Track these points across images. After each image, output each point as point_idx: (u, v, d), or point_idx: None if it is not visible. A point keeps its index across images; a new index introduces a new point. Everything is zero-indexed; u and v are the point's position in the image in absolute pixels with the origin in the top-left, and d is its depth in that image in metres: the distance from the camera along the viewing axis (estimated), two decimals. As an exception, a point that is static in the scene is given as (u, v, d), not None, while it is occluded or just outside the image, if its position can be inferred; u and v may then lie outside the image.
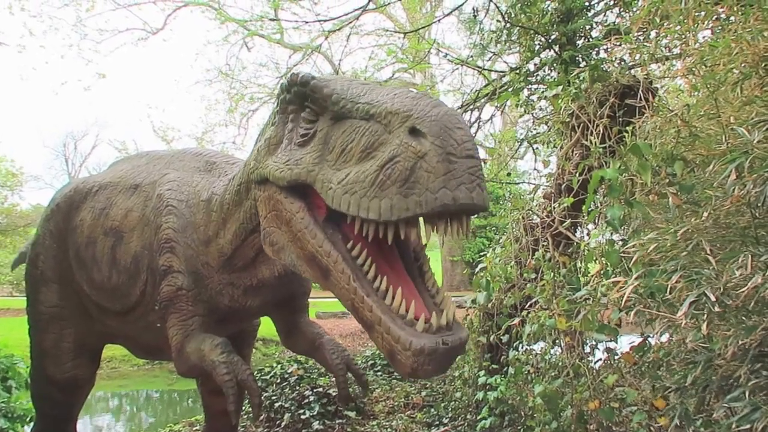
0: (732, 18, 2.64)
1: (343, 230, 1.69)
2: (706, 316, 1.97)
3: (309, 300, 3.16)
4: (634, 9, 7.16)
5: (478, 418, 4.34)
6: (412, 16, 17.74)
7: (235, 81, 17.05)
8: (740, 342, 1.92)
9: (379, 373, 7.47)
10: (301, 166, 1.71)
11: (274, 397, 5.57)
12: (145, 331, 3.00)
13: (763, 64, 2.34)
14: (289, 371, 6.17)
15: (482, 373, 4.47)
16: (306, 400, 5.42)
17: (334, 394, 5.54)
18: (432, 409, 5.62)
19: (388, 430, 5.25)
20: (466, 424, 4.87)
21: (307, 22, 8.76)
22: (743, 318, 1.98)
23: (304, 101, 1.82)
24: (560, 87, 3.20)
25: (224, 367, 2.40)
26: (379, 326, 1.46)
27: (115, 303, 3.04)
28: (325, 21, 7.52)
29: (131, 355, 3.70)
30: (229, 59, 17.28)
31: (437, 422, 5.26)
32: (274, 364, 6.52)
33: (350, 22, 7.42)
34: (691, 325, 2.11)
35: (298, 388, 5.73)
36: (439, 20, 10.25)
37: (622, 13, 7.61)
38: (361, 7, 7.44)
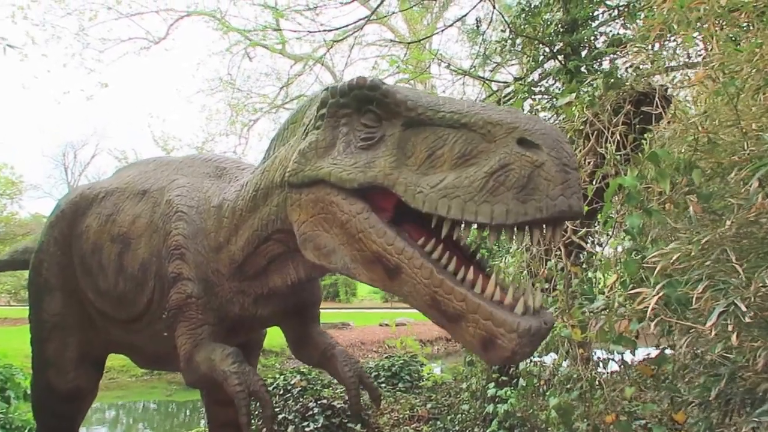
0: (749, 25, 2.61)
1: (409, 234, 1.71)
2: (732, 326, 1.92)
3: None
4: (639, 20, 7.17)
5: (488, 431, 4.26)
6: (413, 27, 17.81)
7: (237, 91, 17.07)
8: (772, 354, 1.86)
9: (384, 385, 7.39)
10: (377, 169, 1.71)
11: (277, 409, 5.49)
12: (152, 340, 2.94)
13: (784, 71, 2.30)
14: (292, 382, 6.10)
15: (492, 385, 4.40)
16: (310, 412, 5.34)
17: (338, 406, 5.46)
18: (438, 422, 5.53)
19: (394, 443, 5.17)
20: (473, 437, 4.79)
21: (311, 32, 8.77)
22: (773, 329, 1.92)
23: (365, 105, 1.83)
24: (573, 95, 3.16)
25: (236, 378, 2.34)
26: (474, 314, 1.49)
27: (121, 311, 2.99)
28: (329, 31, 7.52)
29: (130, 365, 3.66)
30: (231, 69, 17.33)
31: (444, 435, 5.18)
32: (277, 375, 6.45)
33: (354, 32, 7.41)
34: (718, 336, 2.06)
35: (301, 399, 5.65)
36: (442, 31, 10.28)
37: (627, 24, 7.63)
38: (365, 17, 7.44)
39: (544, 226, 1.48)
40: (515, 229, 1.47)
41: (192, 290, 2.59)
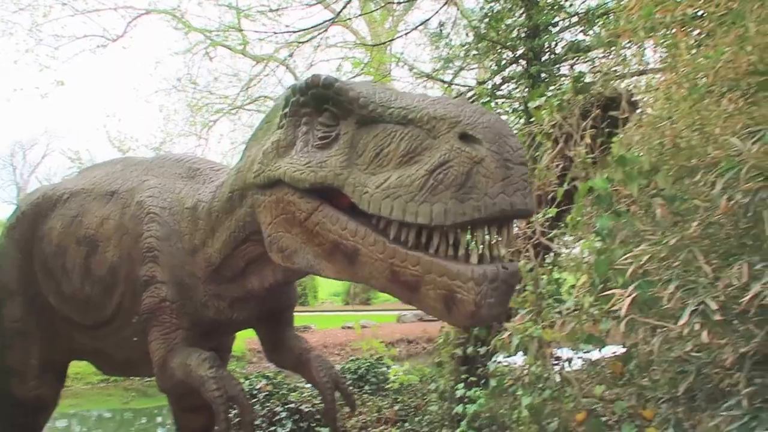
0: (711, 33, 2.71)
1: None
2: (701, 325, 1.98)
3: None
4: (596, 26, 7.38)
5: (457, 431, 4.29)
6: (375, 29, 17.85)
7: (197, 91, 16.77)
8: (740, 350, 1.93)
9: (350, 389, 7.35)
10: (327, 168, 1.69)
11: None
12: (120, 345, 2.85)
13: (745, 78, 2.39)
14: (257, 387, 6.01)
15: (460, 385, 4.43)
16: (277, 417, 5.28)
17: (306, 410, 5.42)
18: (406, 424, 5.55)
19: (362, 446, 5.15)
20: (442, 438, 4.81)
21: (275, 33, 8.68)
22: (740, 326, 2.00)
23: (322, 104, 1.79)
24: (543, 98, 3.22)
25: (214, 383, 2.29)
26: (430, 274, 1.44)
27: (87, 316, 2.89)
28: (293, 32, 7.46)
29: (85, 372, 3.55)
30: (191, 68, 16.99)
31: (412, 437, 5.19)
32: (242, 380, 6.34)
33: (318, 34, 7.38)
34: (688, 334, 2.12)
35: (268, 404, 5.58)
36: (405, 34, 10.34)
37: (586, 30, 7.84)
38: (329, 20, 7.42)
39: (487, 225, 1.42)
40: (458, 229, 1.43)
41: (166, 294, 2.53)
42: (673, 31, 2.58)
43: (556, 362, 3.40)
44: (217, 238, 2.43)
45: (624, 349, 2.95)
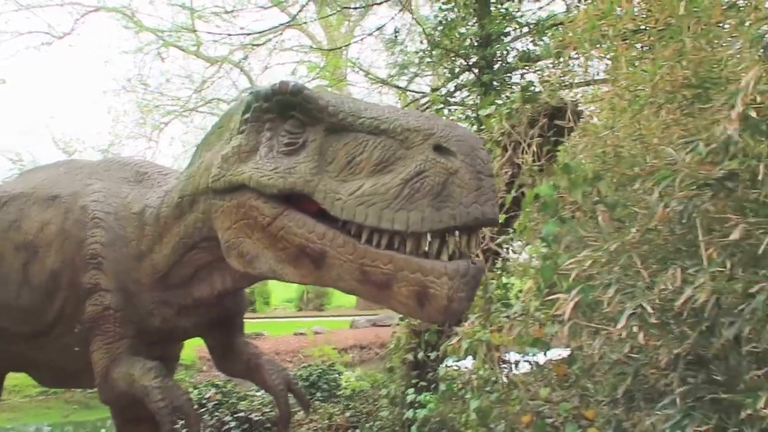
0: (651, 47, 2.83)
1: None
2: (638, 327, 2.06)
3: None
4: (546, 37, 7.60)
5: (408, 436, 4.31)
6: (331, 33, 17.85)
7: (147, 92, 16.37)
8: (674, 351, 2.01)
9: (299, 405, 7.29)
10: (297, 175, 1.70)
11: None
12: (61, 355, 2.74)
13: (681, 91, 2.51)
14: (206, 396, 5.89)
15: (411, 390, 4.45)
16: (226, 427, 5.19)
17: (256, 419, 5.34)
18: (357, 430, 5.53)
19: (313, 453, 5.10)
20: (393, 443, 4.83)
21: (229, 35, 8.56)
22: (675, 328, 2.08)
23: (288, 110, 1.80)
24: (493, 107, 3.29)
25: (159, 393, 2.24)
26: (403, 271, 1.48)
27: (24, 325, 2.76)
28: (249, 35, 7.37)
29: (23, 385, 3.38)
30: (142, 69, 16.58)
31: (363, 443, 5.19)
32: (190, 389, 6.19)
33: (274, 37, 7.32)
34: (627, 337, 2.20)
35: (217, 414, 5.48)
36: (361, 39, 10.39)
37: (536, 41, 8.06)
38: (285, 23, 7.38)
39: (458, 233, 1.50)
40: (430, 236, 1.48)
41: (110, 302, 2.46)
42: (616, 44, 2.68)
43: (504, 366, 3.47)
44: (164, 243, 2.38)
45: (568, 352, 3.04)
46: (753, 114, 1.85)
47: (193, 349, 13.47)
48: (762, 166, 1.76)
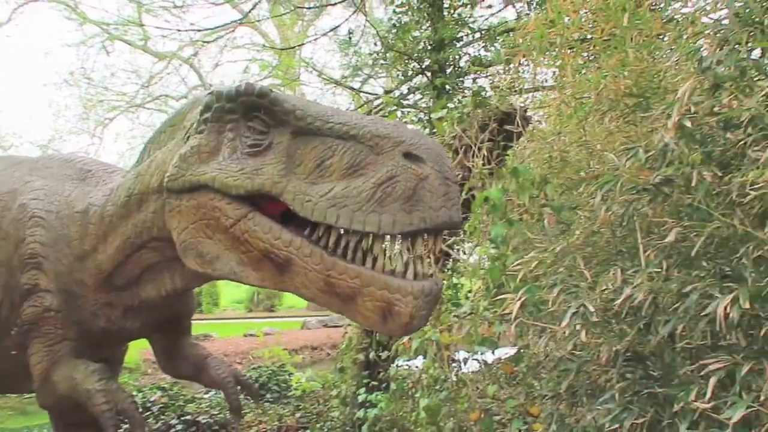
0: (597, 56, 2.95)
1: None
2: (581, 325, 2.14)
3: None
4: (497, 43, 7.78)
5: (358, 436, 4.33)
6: (284, 32, 17.69)
7: (91, 86, 15.81)
8: (614, 348, 2.10)
9: (250, 398, 7.20)
10: (264, 176, 1.70)
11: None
12: None
13: (623, 99, 2.63)
14: (151, 399, 5.75)
15: (362, 390, 4.47)
16: (173, 430, 5.07)
17: (203, 421, 5.25)
18: (307, 431, 5.51)
19: (262, 455, 5.05)
20: (344, 443, 4.83)
21: (179, 30, 8.37)
22: (615, 326, 2.18)
23: (252, 112, 1.80)
24: (445, 110, 3.36)
25: (102, 396, 2.18)
26: (369, 287, 1.53)
27: None
28: (199, 31, 7.23)
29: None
30: (86, 62, 16.00)
31: (313, 444, 5.17)
32: (135, 393, 6.02)
33: (226, 34, 7.20)
34: (570, 335, 2.29)
35: (162, 417, 5.35)
36: (314, 39, 10.35)
37: (488, 46, 8.24)
38: (237, 20, 7.27)
39: (425, 235, 1.56)
40: (399, 237, 1.54)
41: (50, 303, 2.37)
42: (563, 52, 2.78)
43: (453, 364, 3.53)
44: (109, 243, 2.32)
45: (515, 350, 3.12)
46: (688, 123, 1.96)
47: (138, 351, 13.08)
48: (695, 173, 1.86)
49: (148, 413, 5.47)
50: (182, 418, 5.27)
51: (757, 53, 2.01)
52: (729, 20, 2.02)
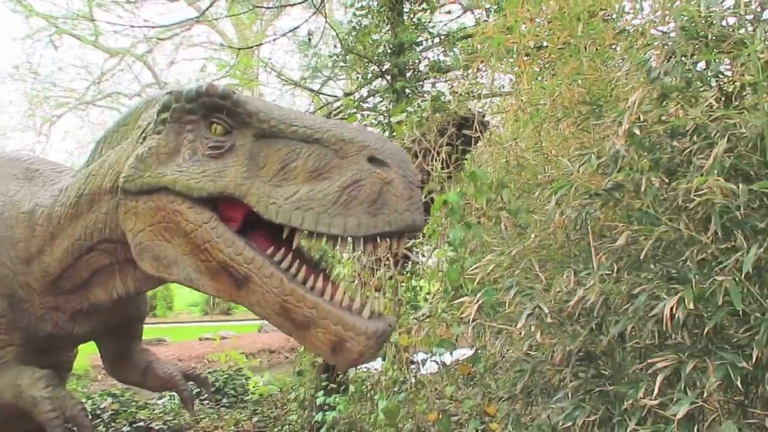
0: (552, 64, 3.03)
1: (257, 244, 1.70)
2: (535, 327, 2.20)
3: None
4: (456, 48, 7.88)
5: (316, 439, 4.31)
6: (243, 32, 17.46)
7: (37, 81, 15.22)
8: (567, 348, 2.16)
9: (206, 402, 7.06)
10: (228, 178, 1.68)
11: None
12: None
13: (577, 107, 2.71)
14: (102, 406, 5.59)
15: (320, 393, 4.46)
16: (124, 437, 4.94)
17: (157, 428, 5.12)
18: (265, 435, 5.46)
19: (218, 461, 4.97)
20: (301, 447, 4.80)
21: (132, 27, 8.15)
22: (568, 326, 2.24)
23: (213, 113, 1.77)
24: (404, 114, 3.39)
25: (49, 403, 2.10)
26: (324, 320, 1.55)
27: None
28: (154, 27, 7.06)
29: None
30: (31, 56, 15.38)
31: (271, 448, 5.12)
32: (84, 400, 5.83)
33: (182, 32, 7.06)
34: (525, 335, 2.34)
35: (113, 424, 5.21)
36: (273, 40, 10.24)
37: (447, 51, 8.34)
38: (193, 18, 7.12)
39: (389, 238, 1.58)
40: (363, 240, 1.55)
41: None
42: (520, 59, 2.85)
43: (412, 366, 3.56)
44: (57, 245, 2.23)
45: (473, 352, 3.18)
46: (637, 131, 2.03)
47: (87, 357, 12.66)
48: (644, 179, 1.94)
49: (98, 420, 5.31)
50: (134, 425, 5.16)
51: (702, 65, 2.10)
52: (676, 33, 2.11)
